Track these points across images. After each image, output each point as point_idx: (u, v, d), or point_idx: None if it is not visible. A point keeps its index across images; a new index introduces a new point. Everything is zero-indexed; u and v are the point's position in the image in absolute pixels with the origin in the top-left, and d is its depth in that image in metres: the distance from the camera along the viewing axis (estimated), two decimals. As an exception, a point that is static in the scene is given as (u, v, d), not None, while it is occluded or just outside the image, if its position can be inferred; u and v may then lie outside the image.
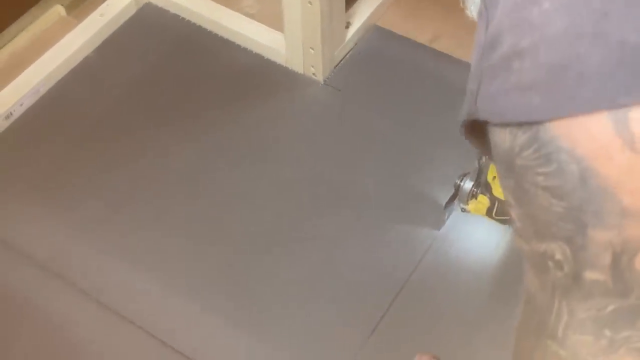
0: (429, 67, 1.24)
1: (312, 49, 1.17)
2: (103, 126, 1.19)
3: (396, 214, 1.07)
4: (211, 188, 1.11)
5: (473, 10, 0.43)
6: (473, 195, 1.00)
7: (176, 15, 1.31)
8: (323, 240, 1.05)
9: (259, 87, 1.23)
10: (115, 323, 0.99)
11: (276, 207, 1.09)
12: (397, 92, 1.21)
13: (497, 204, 0.98)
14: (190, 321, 0.99)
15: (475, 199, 1.00)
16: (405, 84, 1.22)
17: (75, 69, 1.25)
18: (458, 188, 0.99)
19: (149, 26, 1.31)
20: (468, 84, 0.39)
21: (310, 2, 1.09)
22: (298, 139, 1.17)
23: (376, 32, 1.28)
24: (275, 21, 1.23)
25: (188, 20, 1.30)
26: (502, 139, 0.35)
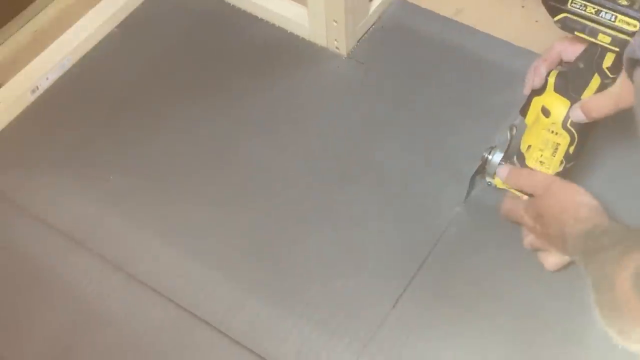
0: (453, 40, 1.23)
1: (336, 22, 1.17)
2: (128, 100, 1.20)
3: (420, 186, 1.07)
4: (237, 160, 1.12)
5: None
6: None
7: (199, -11, 1.31)
8: (347, 211, 1.06)
9: (283, 61, 1.23)
10: (142, 294, 1.00)
11: (300, 179, 1.10)
12: (421, 65, 1.20)
13: None
14: (215, 291, 1.00)
15: None
16: (428, 57, 1.21)
17: (99, 44, 1.26)
18: (486, 161, 0.97)
19: (172, 1, 1.31)
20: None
21: (333, -25, 1.09)
22: (322, 112, 1.17)
23: (399, 5, 1.27)
24: (298, -6, 1.24)
25: (211, -6, 1.31)
26: None
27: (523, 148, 0.95)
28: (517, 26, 1.24)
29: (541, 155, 0.93)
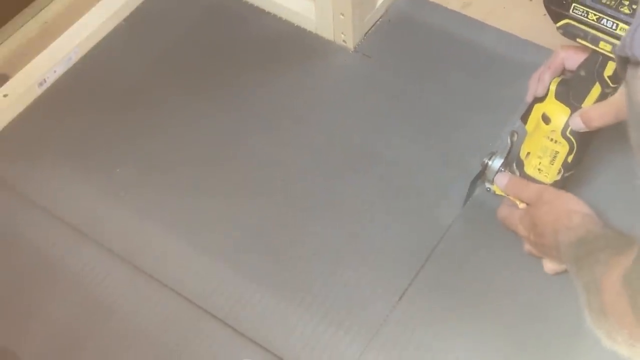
0: (460, 34, 1.22)
1: (343, 15, 1.17)
2: (135, 93, 1.20)
3: (426, 180, 1.07)
4: (242, 153, 1.12)
5: None
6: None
7: (206, -18, 1.31)
8: (353, 205, 1.06)
9: (289, 55, 1.23)
10: (148, 286, 1.00)
11: (306, 172, 1.09)
12: (428, 59, 1.20)
13: None
14: (221, 284, 1.00)
15: None
16: (436, 51, 1.21)
17: (107, 37, 1.26)
18: (486, 167, 0.96)
19: (180, -6, 1.32)
20: (631, 26, 0.50)
21: (340, -32, 1.09)
22: (328, 106, 1.17)
23: (407, -1, 1.27)
24: (305, -13, 1.23)
25: (218, -13, 1.30)
26: None
27: (522, 155, 0.94)
28: (525, 20, 1.23)
29: (539, 162, 0.92)
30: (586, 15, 0.78)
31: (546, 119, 0.88)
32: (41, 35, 1.28)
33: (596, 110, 0.84)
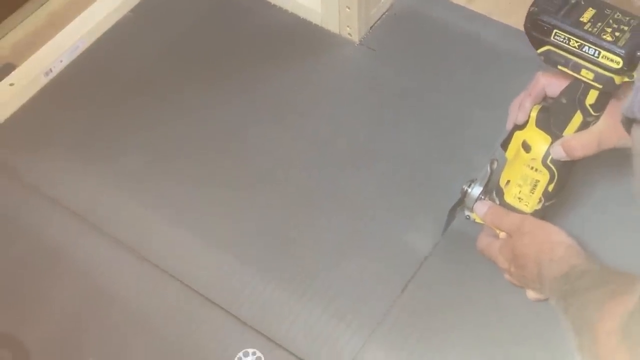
0: (465, 28, 1.23)
1: (348, 8, 1.17)
2: (141, 84, 1.21)
3: (430, 174, 1.08)
4: (248, 145, 1.13)
5: None
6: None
7: (213, -26, 1.31)
8: (357, 197, 1.06)
9: (295, 47, 1.23)
10: (153, 275, 1.01)
11: (310, 165, 1.10)
12: (433, 53, 1.20)
13: None
14: (225, 274, 1.01)
15: None
16: (441, 45, 1.21)
17: (113, 28, 1.27)
18: (465, 194, 0.94)
19: (186, -15, 1.32)
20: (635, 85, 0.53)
21: (347, -39, 1.09)
22: (333, 99, 1.17)
23: (412, -7, 1.27)
24: (311, -20, 1.24)
25: (224, -21, 1.31)
26: None
27: (502, 183, 0.92)
28: (531, 15, 1.23)
29: (519, 191, 0.89)
30: (568, 42, 0.75)
31: (526, 147, 0.86)
32: (48, 24, 1.28)
33: (578, 140, 0.81)
